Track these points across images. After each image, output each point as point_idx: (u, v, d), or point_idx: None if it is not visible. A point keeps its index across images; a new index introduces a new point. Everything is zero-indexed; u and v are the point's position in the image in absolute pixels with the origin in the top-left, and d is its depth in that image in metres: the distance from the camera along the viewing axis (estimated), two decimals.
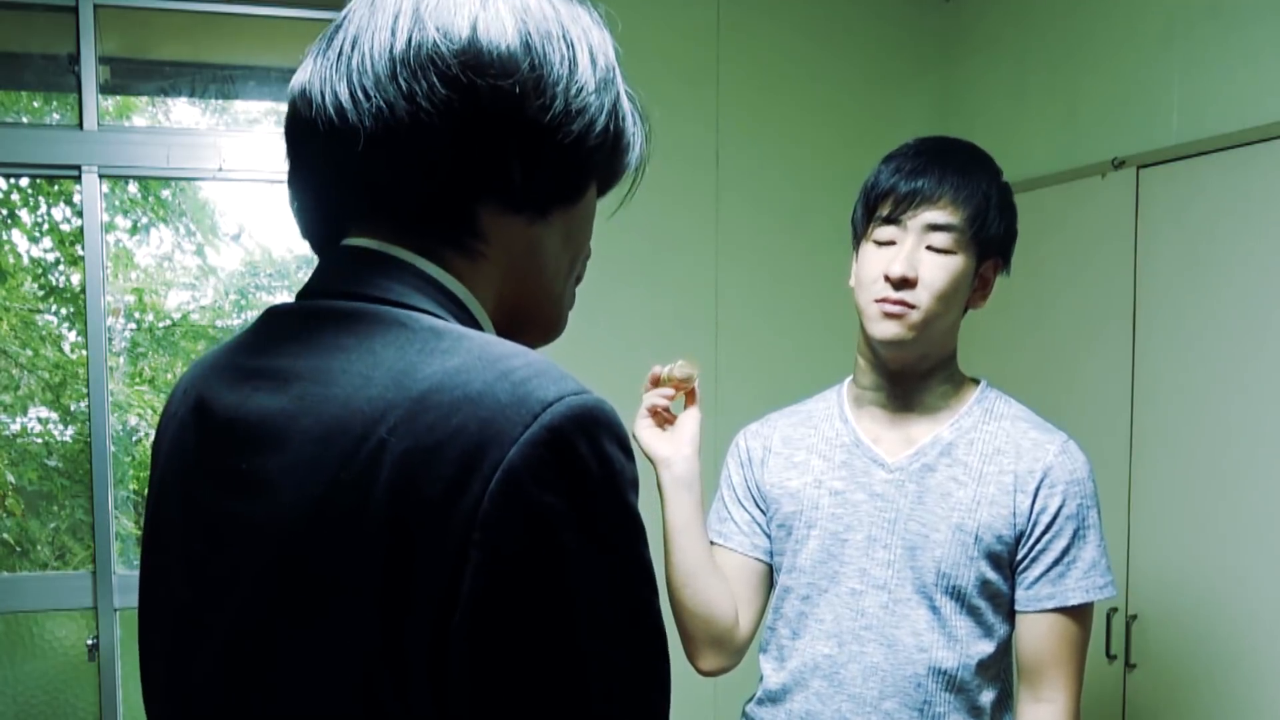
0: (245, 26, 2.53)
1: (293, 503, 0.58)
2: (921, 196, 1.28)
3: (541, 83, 0.66)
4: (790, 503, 1.38)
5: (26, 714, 2.47)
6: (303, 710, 0.58)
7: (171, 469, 0.69)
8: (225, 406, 0.65)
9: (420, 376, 0.57)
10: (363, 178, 0.66)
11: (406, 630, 0.54)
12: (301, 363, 0.63)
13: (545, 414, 0.55)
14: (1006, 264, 1.37)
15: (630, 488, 0.59)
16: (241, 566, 0.61)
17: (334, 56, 0.66)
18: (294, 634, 0.58)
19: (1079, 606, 1.27)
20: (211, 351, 0.73)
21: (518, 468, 0.53)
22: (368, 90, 0.63)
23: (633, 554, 0.58)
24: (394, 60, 0.64)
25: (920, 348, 1.31)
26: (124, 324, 2.65)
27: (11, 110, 2.51)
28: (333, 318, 0.64)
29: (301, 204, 0.71)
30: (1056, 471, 1.28)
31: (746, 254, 2.63)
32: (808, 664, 1.34)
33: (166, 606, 0.68)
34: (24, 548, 2.62)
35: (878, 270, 1.29)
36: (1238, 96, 1.87)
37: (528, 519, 0.54)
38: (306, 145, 0.68)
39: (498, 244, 0.68)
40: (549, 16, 0.68)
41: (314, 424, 0.59)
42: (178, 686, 0.67)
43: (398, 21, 0.65)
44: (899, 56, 2.75)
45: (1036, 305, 2.31)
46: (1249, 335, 1.83)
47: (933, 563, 1.28)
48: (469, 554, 0.53)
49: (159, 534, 0.70)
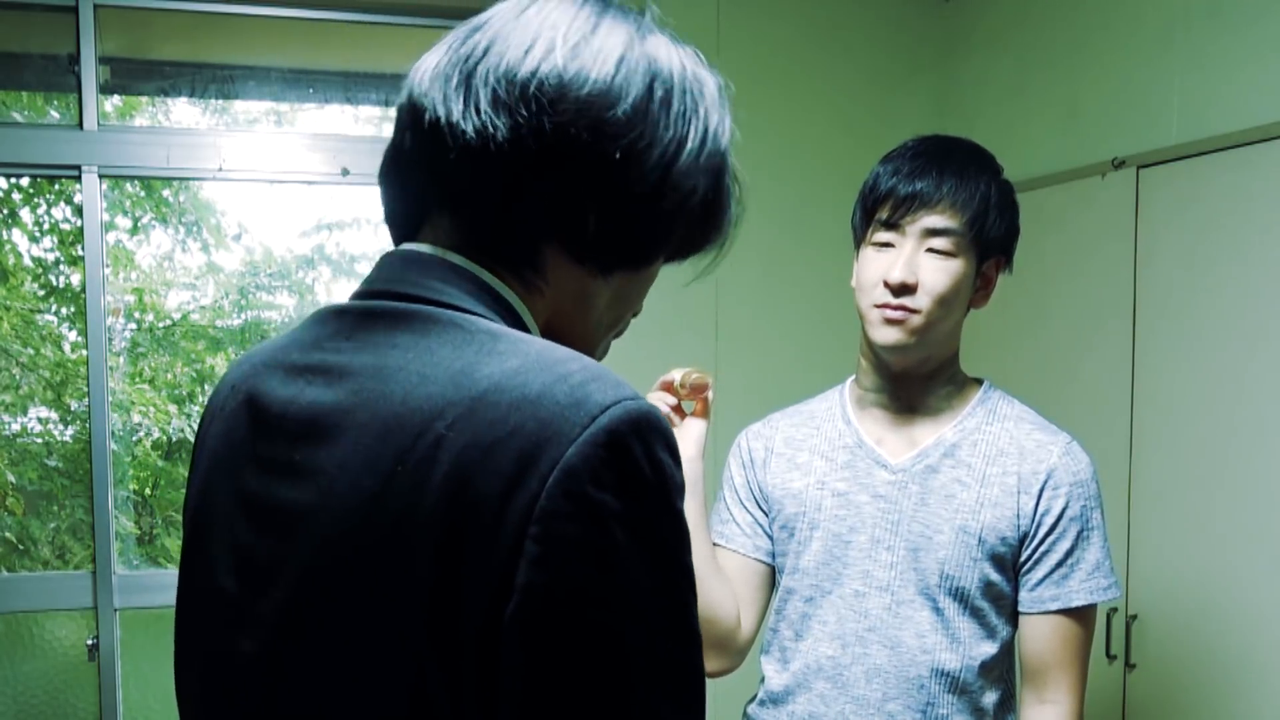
0: (245, 26, 2.53)
1: (346, 494, 0.60)
2: (920, 200, 1.27)
3: (645, 154, 0.67)
4: (793, 504, 1.38)
5: (26, 714, 2.47)
6: (350, 698, 0.59)
7: (219, 462, 0.70)
8: (278, 400, 0.66)
9: (479, 376, 0.59)
10: (447, 183, 0.67)
11: (458, 619, 0.56)
12: (356, 359, 0.64)
13: (603, 417, 0.57)
14: (1009, 262, 1.36)
15: (678, 493, 0.61)
16: (290, 555, 0.62)
17: (464, 55, 0.67)
18: (342, 623, 0.59)
19: (1082, 608, 1.27)
20: (259, 348, 0.74)
21: (576, 466, 0.55)
22: (480, 105, 0.64)
23: (678, 555, 0.60)
24: (515, 84, 0.64)
25: (922, 351, 1.30)
26: (124, 324, 2.64)
27: (11, 110, 2.51)
28: (387, 317, 0.65)
29: (389, 185, 0.72)
30: (1060, 473, 1.27)
31: (746, 253, 2.62)
32: (811, 665, 1.34)
33: (211, 596, 0.69)
34: (25, 547, 2.62)
35: (877, 275, 1.28)
36: (1238, 96, 1.87)
37: (584, 516, 0.55)
38: (409, 130, 0.69)
39: (555, 284, 0.70)
40: (679, 88, 0.69)
41: (370, 419, 0.60)
42: (219, 674, 0.68)
43: (534, 47, 0.65)
44: (899, 56, 2.75)
45: (1036, 305, 2.31)
46: (1249, 335, 1.83)
47: (936, 564, 1.27)
48: (525, 547, 0.55)
49: (203, 526, 0.71)
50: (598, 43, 0.67)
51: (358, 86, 2.68)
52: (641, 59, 0.67)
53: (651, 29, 0.71)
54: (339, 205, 2.72)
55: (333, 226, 2.76)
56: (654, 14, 0.73)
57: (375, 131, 2.75)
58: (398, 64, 2.69)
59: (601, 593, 0.56)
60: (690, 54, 0.72)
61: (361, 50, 2.65)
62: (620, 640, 0.57)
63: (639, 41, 0.68)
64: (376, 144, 2.55)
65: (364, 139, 2.58)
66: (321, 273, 2.81)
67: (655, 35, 0.70)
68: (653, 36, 0.70)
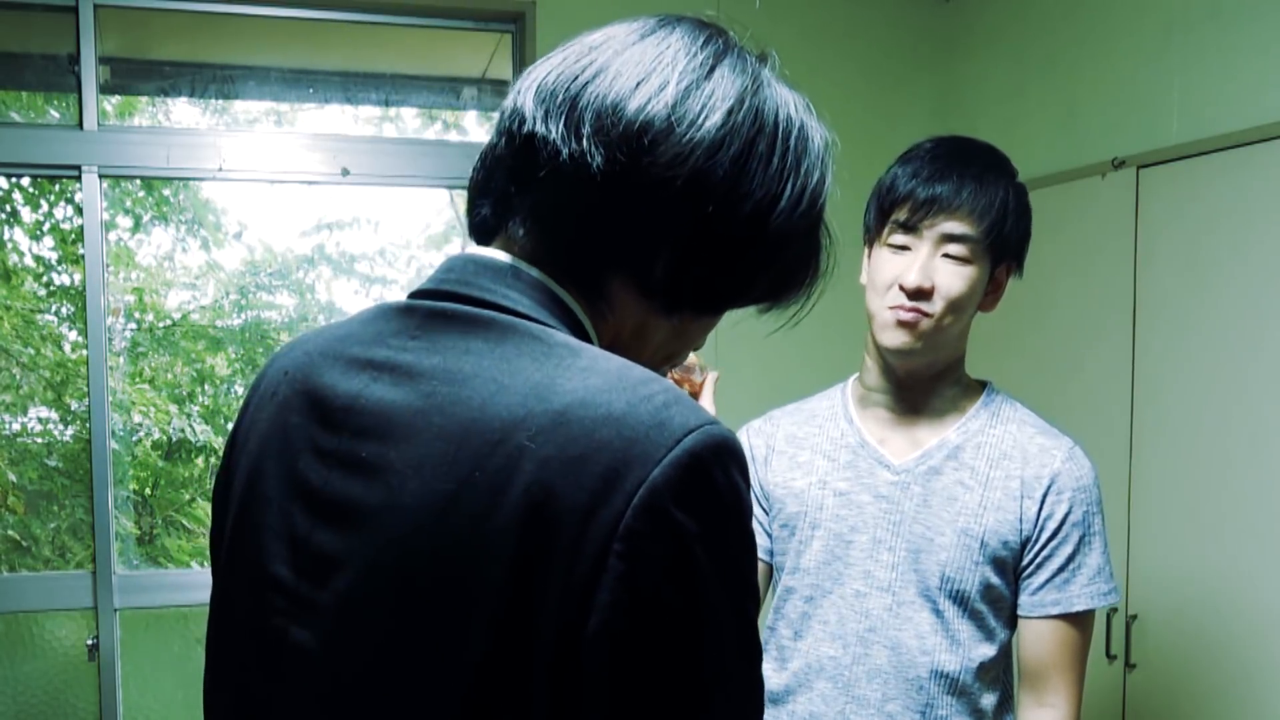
0: (245, 26, 2.53)
1: (418, 495, 0.60)
2: (940, 204, 1.25)
3: (736, 208, 0.66)
4: (794, 503, 1.37)
5: (26, 714, 2.47)
6: (403, 698, 0.60)
7: (270, 448, 0.70)
8: (341, 393, 0.66)
9: (561, 390, 0.59)
10: (532, 197, 0.67)
11: (531, 631, 0.56)
12: (426, 360, 0.64)
13: (687, 440, 0.58)
14: (1020, 266, 1.35)
15: (750, 516, 0.62)
16: (354, 549, 0.62)
17: (574, 73, 0.67)
18: (404, 622, 0.60)
19: (1083, 613, 1.27)
20: (308, 336, 0.74)
21: (660, 487, 0.56)
22: (582, 131, 0.64)
23: (749, 576, 0.62)
24: (620, 119, 0.64)
25: (929, 355, 1.30)
26: (124, 323, 2.64)
27: (11, 110, 2.51)
28: (460, 320, 0.65)
29: (475, 184, 0.72)
30: (1063, 478, 1.27)
31: None
32: (811, 665, 1.33)
33: (262, 582, 0.68)
34: (25, 545, 2.62)
35: (892, 277, 1.27)
36: (1238, 96, 1.87)
37: (668, 535, 0.56)
38: (506, 137, 0.69)
39: (619, 311, 0.70)
40: (784, 144, 0.68)
41: (446, 422, 0.60)
42: (267, 661, 0.67)
43: (645, 83, 0.65)
44: (899, 56, 2.75)
45: (1036, 305, 2.31)
46: (1249, 335, 1.83)
47: (937, 566, 1.27)
48: (609, 563, 0.55)
49: (251, 511, 0.70)
50: (710, 88, 0.66)
51: (358, 86, 2.69)
52: (750, 111, 0.67)
53: (768, 80, 0.70)
54: (339, 205, 2.72)
55: (333, 226, 2.76)
56: (774, 62, 0.72)
57: (375, 131, 2.75)
58: (398, 64, 2.69)
59: (684, 610, 0.57)
60: (802, 105, 0.72)
61: (361, 50, 2.65)
62: (699, 656, 0.58)
63: (752, 93, 0.68)
64: (376, 144, 2.55)
65: (364, 139, 2.58)
66: (322, 272, 2.81)
67: (770, 86, 0.70)
68: (767, 87, 0.69)
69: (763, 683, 0.64)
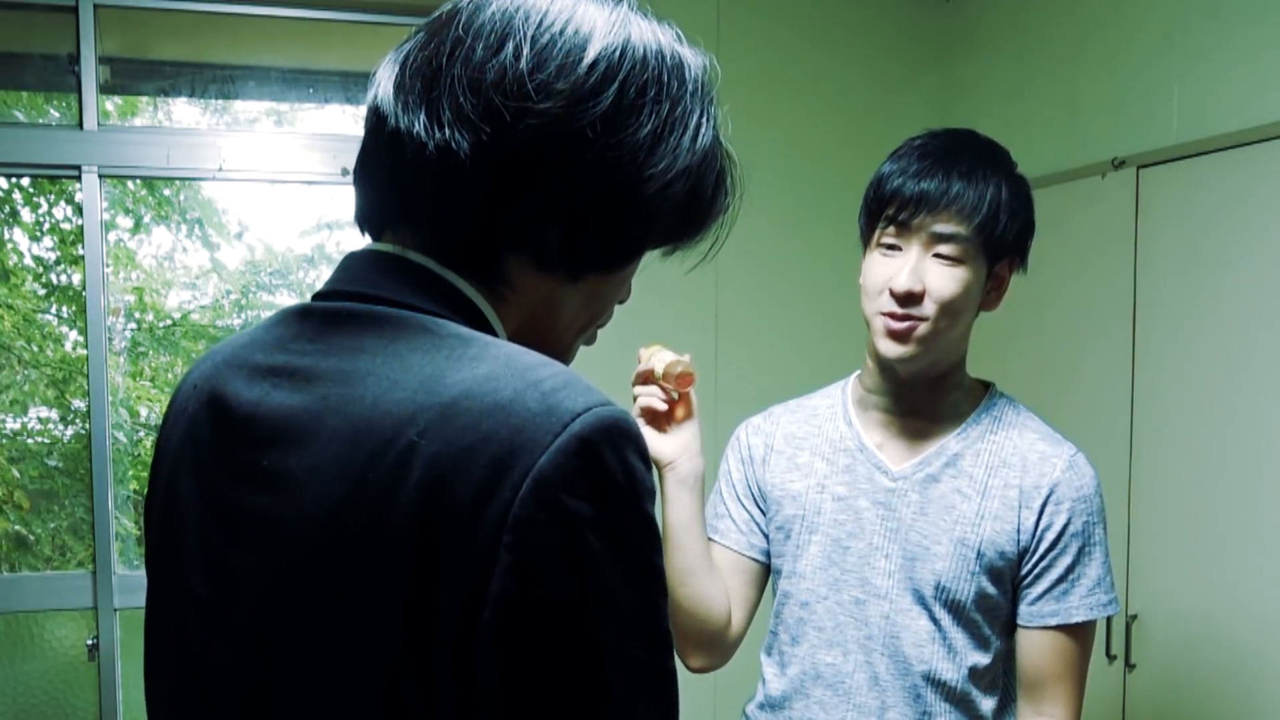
0: (245, 26, 2.53)
1: (317, 500, 0.59)
2: (926, 203, 1.22)
3: (615, 161, 0.64)
4: (792, 506, 1.36)
5: (26, 714, 2.47)
6: (323, 705, 0.59)
7: (183, 463, 0.69)
8: (243, 403, 0.65)
9: (449, 382, 0.58)
10: (409, 191, 0.66)
11: (433, 628, 0.55)
12: (323, 363, 0.63)
13: (574, 424, 0.56)
14: (1023, 262, 1.31)
15: (649, 497, 0.60)
16: (262, 562, 0.62)
17: (428, 57, 0.64)
18: (314, 630, 0.59)
19: (1082, 624, 1.25)
20: (219, 347, 0.73)
21: (548, 474, 0.55)
22: (443, 118, 0.62)
23: (650, 559, 0.60)
24: (480, 95, 0.62)
25: (928, 360, 1.27)
26: (124, 323, 2.65)
27: (12, 110, 2.51)
28: (354, 319, 0.64)
29: (358, 183, 0.71)
30: (1063, 488, 1.24)
31: (746, 252, 2.63)
32: (809, 672, 1.32)
33: (182, 601, 0.68)
34: (30, 541, 2.62)
35: (882, 281, 1.24)
36: (1238, 96, 1.87)
37: (558, 523, 0.55)
38: (373, 134, 0.67)
39: (521, 290, 0.68)
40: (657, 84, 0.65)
41: (340, 424, 0.60)
42: (193, 680, 0.67)
43: (501, 48, 0.62)
44: (899, 56, 2.75)
45: (1036, 305, 2.30)
46: (1249, 335, 1.83)
47: (932, 575, 1.25)
48: (499, 555, 0.54)
49: (170, 528, 0.70)
50: (570, 39, 0.63)
51: (357, 86, 2.68)
52: (616, 55, 0.64)
53: (632, 19, 0.67)
54: (339, 205, 2.72)
55: (333, 226, 2.76)
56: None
57: None
58: None
59: (577, 599, 0.56)
60: (670, 37, 0.69)
61: (361, 50, 2.65)
62: (596, 645, 0.57)
63: (618, 35, 0.64)
64: None
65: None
66: (321, 272, 2.81)
67: (633, 24, 0.66)
68: (631, 26, 0.66)
69: (674, 672, 0.62)
